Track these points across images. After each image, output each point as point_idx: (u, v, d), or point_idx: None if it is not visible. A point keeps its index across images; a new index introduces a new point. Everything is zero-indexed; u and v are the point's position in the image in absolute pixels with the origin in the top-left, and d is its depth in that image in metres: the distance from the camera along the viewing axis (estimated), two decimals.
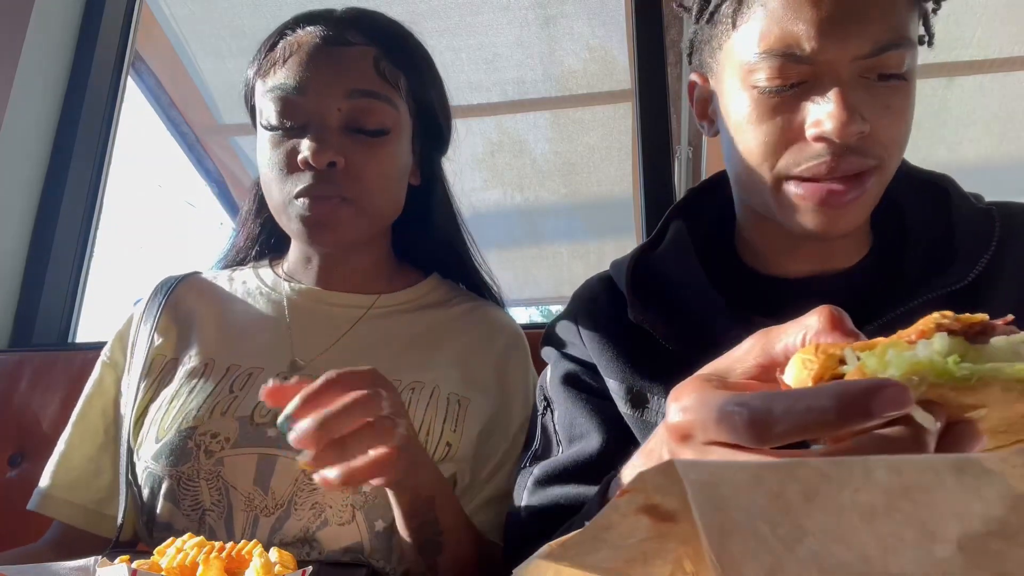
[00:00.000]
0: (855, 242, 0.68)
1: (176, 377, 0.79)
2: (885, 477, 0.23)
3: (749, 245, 0.72)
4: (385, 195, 0.81)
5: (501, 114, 2.32)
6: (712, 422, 0.31)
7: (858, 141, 0.57)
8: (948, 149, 2.30)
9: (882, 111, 0.58)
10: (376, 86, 0.79)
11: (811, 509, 0.23)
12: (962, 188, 0.68)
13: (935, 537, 0.22)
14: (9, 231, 1.43)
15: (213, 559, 0.46)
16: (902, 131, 0.60)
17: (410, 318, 0.86)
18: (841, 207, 0.59)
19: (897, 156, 0.61)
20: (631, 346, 0.70)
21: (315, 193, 0.75)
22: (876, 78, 0.58)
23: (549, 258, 2.95)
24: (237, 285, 0.89)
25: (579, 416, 0.70)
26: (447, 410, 0.79)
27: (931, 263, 0.63)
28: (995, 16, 1.92)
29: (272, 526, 0.70)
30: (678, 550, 0.27)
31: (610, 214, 2.62)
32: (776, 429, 0.28)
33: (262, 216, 0.94)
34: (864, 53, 0.56)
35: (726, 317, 0.65)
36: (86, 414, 0.84)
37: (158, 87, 2.17)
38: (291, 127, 0.77)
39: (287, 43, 0.80)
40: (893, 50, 0.57)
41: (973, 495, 0.23)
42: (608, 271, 0.79)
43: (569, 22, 2.06)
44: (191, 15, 2.08)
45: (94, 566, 0.52)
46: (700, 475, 0.24)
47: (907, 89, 0.59)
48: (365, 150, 0.78)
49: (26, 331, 1.40)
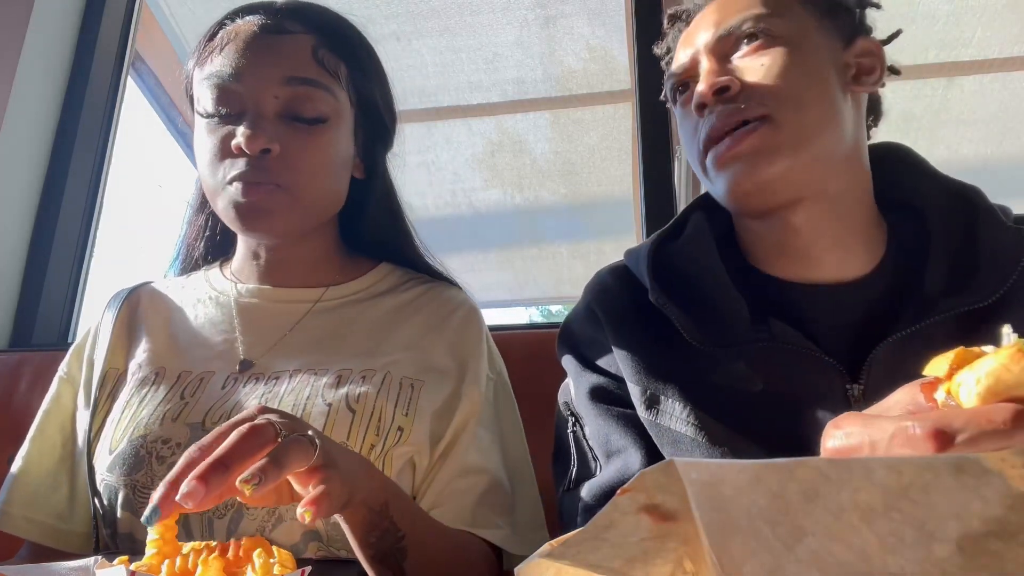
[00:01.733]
0: (860, 245, 0.67)
1: (127, 388, 0.78)
2: (885, 477, 0.23)
3: (750, 247, 0.72)
4: (321, 184, 0.80)
5: (501, 114, 2.32)
6: (886, 438, 0.32)
7: (729, 96, 0.64)
8: (948, 149, 2.30)
9: (751, 70, 0.65)
10: (313, 73, 0.78)
11: (811, 509, 0.23)
12: (990, 201, 0.66)
13: (934, 537, 0.22)
14: (9, 231, 1.43)
15: (213, 560, 0.46)
16: (778, 86, 0.64)
17: (361, 308, 0.85)
18: (734, 160, 0.64)
19: (786, 109, 0.63)
20: (648, 338, 0.69)
21: (248, 179, 0.74)
22: (742, 41, 0.67)
23: (549, 258, 2.94)
24: (187, 292, 0.88)
25: (613, 432, 0.69)
26: (399, 394, 0.76)
27: (953, 278, 0.62)
28: (995, 16, 1.92)
29: (227, 528, 0.69)
30: (678, 549, 0.27)
31: (610, 214, 2.61)
32: (959, 439, 0.30)
33: (205, 211, 0.93)
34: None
35: (747, 317, 0.65)
36: (44, 429, 0.82)
37: (158, 87, 2.17)
38: (227, 114, 0.77)
39: (225, 32, 0.80)
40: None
41: (972, 495, 0.23)
42: (620, 261, 0.77)
43: (569, 22, 2.06)
44: (191, 15, 2.08)
45: (93, 566, 0.52)
46: (701, 475, 0.24)
47: (773, 47, 0.65)
48: (301, 138, 0.77)
49: (26, 331, 1.40)
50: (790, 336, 0.62)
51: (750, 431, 0.62)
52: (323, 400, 0.74)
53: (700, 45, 0.69)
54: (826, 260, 0.66)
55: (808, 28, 0.67)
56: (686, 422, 0.63)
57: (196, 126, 0.81)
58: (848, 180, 0.67)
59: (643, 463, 0.65)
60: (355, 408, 0.73)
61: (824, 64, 0.66)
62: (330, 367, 0.77)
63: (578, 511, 0.69)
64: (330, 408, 0.73)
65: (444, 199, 2.66)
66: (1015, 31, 1.97)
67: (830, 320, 0.64)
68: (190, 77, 0.84)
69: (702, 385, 0.65)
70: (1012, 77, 2.09)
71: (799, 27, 0.66)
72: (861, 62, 0.68)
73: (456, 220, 2.63)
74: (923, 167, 0.71)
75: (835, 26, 0.68)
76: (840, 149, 0.65)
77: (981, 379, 0.31)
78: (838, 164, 0.66)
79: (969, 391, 0.31)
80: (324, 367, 0.77)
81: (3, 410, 1.14)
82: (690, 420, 0.63)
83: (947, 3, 1.87)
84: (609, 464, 0.68)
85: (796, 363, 0.62)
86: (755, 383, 0.63)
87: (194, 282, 0.90)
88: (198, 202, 0.94)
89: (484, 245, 2.77)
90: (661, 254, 0.72)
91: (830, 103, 0.65)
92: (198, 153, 0.80)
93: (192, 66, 0.83)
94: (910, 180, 0.70)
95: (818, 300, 0.66)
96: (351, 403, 0.73)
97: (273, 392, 0.75)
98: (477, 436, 0.78)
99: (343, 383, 0.75)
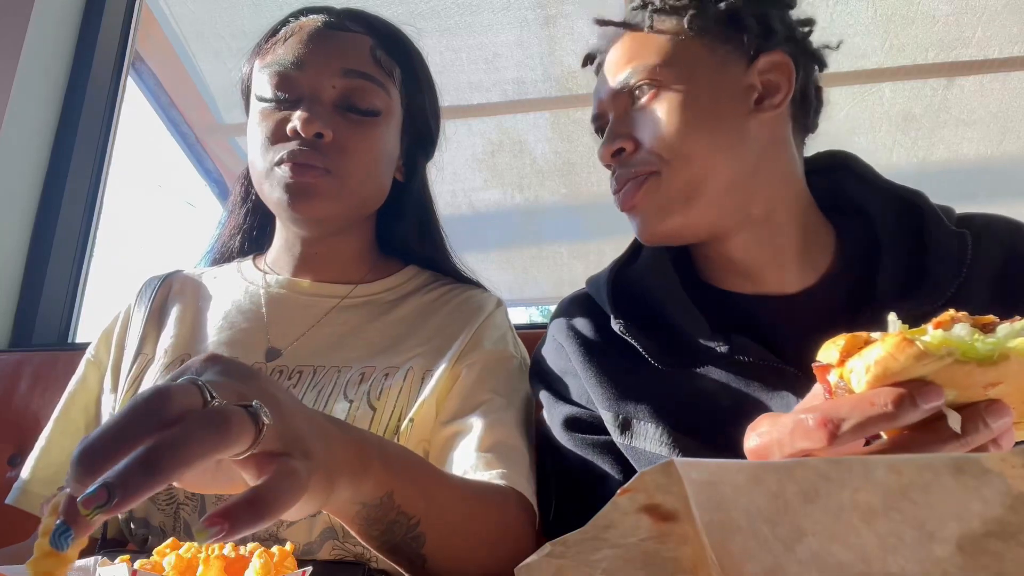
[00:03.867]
0: (802, 258, 0.69)
1: (151, 373, 0.80)
2: (884, 477, 0.23)
3: (702, 266, 0.75)
4: (368, 176, 0.81)
5: (501, 114, 2.31)
6: (787, 433, 0.36)
7: (624, 156, 0.70)
8: (948, 149, 2.30)
9: (644, 124, 0.69)
10: (370, 69, 0.81)
11: (811, 509, 0.23)
12: (933, 204, 0.69)
13: (934, 537, 0.22)
14: (9, 231, 1.43)
15: (214, 559, 0.46)
16: (666, 142, 0.67)
17: (387, 307, 0.86)
18: (632, 211, 0.71)
19: (673, 166, 0.66)
20: (615, 365, 0.70)
21: (299, 160, 0.76)
22: (635, 91, 0.71)
23: (549, 258, 2.94)
24: (219, 282, 0.90)
25: (593, 460, 0.70)
26: (420, 389, 0.76)
27: (903, 285, 0.64)
28: (995, 16, 1.92)
29: None
30: (678, 549, 0.27)
31: (610, 214, 2.59)
32: (845, 426, 0.33)
33: (248, 204, 0.95)
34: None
35: (708, 336, 0.66)
36: (68, 410, 0.84)
37: (158, 87, 2.17)
38: (285, 99, 0.79)
39: (288, 27, 0.84)
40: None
41: (972, 495, 0.23)
42: (582, 290, 0.80)
43: (569, 22, 2.06)
44: (191, 15, 2.07)
45: (94, 566, 0.52)
46: (701, 475, 0.24)
47: (663, 97, 0.68)
48: (354, 128, 0.79)
49: (26, 331, 1.40)
50: (751, 349, 0.64)
51: (724, 443, 0.63)
52: (345, 397, 0.74)
53: (604, 96, 0.73)
54: (768, 277, 0.69)
55: (700, 65, 0.68)
56: (660, 442, 0.64)
57: (251, 114, 0.83)
58: (772, 200, 0.68)
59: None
60: (376, 405, 0.74)
61: (718, 101, 0.67)
62: (353, 364, 0.78)
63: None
64: (351, 405, 0.73)
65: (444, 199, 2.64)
66: (1015, 31, 1.97)
67: (788, 329, 0.66)
68: (248, 72, 0.86)
69: (672, 405, 0.66)
70: (1012, 77, 2.09)
71: (688, 70, 0.67)
72: (767, 79, 0.68)
73: (456, 220, 2.63)
74: (869, 174, 0.73)
75: (733, 49, 0.69)
76: (749, 178, 0.67)
77: (870, 367, 0.33)
78: (754, 191, 0.67)
79: (859, 378, 0.34)
80: (348, 364, 0.78)
81: (3, 410, 1.14)
82: (664, 440, 0.64)
83: (947, 3, 1.87)
84: (592, 492, 0.69)
85: (759, 375, 0.64)
86: (723, 398, 0.65)
87: (226, 272, 0.92)
88: (241, 195, 0.96)
89: (484, 245, 2.76)
90: (621, 280, 0.75)
91: (725, 142, 0.66)
92: (250, 139, 0.82)
93: (251, 61, 0.85)
94: (856, 187, 0.73)
95: (775, 311, 0.68)
96: (372, 400, 0.74)
97: (296, 387, 0.76)
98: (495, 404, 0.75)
99: (365, 380, 0.76)
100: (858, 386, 0.34)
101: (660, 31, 0.69)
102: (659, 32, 0.69)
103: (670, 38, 0.69)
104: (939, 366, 0.32)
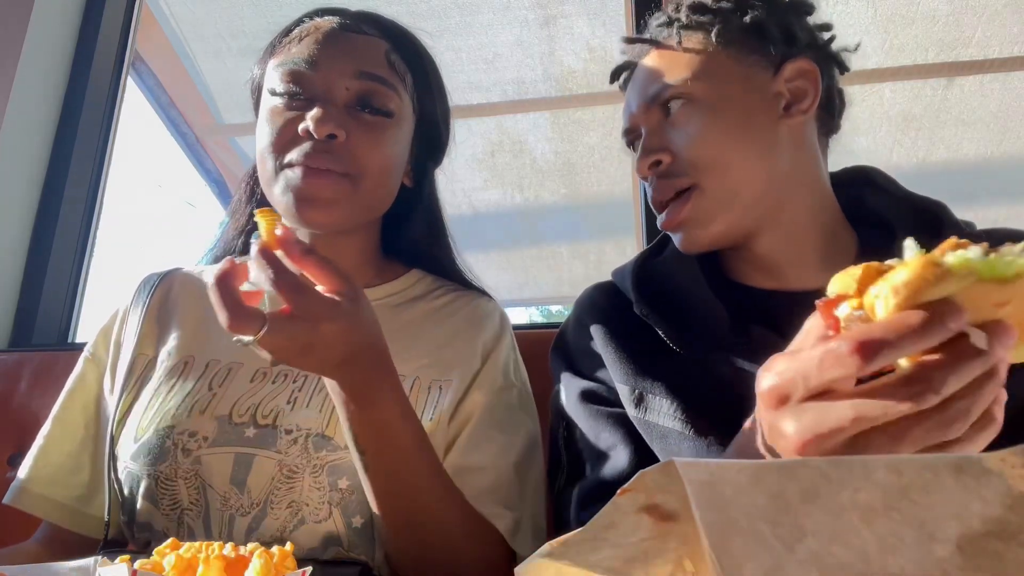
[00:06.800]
0: (824, 256, 0.71)
1: (155, 375, 0.79)
2: (884, 477, 0.23)
3: (727, 263, 0.77)
4: (381, 178, 0.80)
5: (501, 114, 2.32)
6: (814, 366, 0.35)
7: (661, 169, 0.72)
8: (948, 149, 2.30)
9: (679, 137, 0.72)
10: (384, 73, 0.80)
11: (811, 509, 0.23)
12: (954, 216, 0.71)
13: (934, 537, 0.22)
14: (9, 231, 1.43)
15: (214, 559, 0.46)
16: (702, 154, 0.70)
17: (393, 312, 0.86)
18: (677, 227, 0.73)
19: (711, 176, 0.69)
20: (635, 347, 0.72)
21: (311, 164, 0.74)
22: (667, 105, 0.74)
23: (549, 258, 2.94)
24: None
25: (603, 430, 0.71)
26: (427, 399, 0.77)
27: None
28: (995, 16, 1.92)
29: (248, 525, 0.69)
30: (678, 549, 0.27)
31: (610, 214, 2.61)
32: (881, 349, 0.33)
33: (252, 205, 0.93)
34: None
35: (727, 327, 0.69)
36: (67, 410, 0.84)
37: (158, 87, 2.17)
38: (297, 96, 0.78)
39: (303, 28, 0.83)
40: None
41: (972, 495, 0.23)
42: (607, 280, 0.82)
43: (569, 22, 2.06)
44: (191, 15, 2.07)
45: (94, 566, 0.52)
46: (701, 475, 0.24)
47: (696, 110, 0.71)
48: (367, 129, 0.78)
49: (26, 331, 1.40)
50: (770, 340, 0.65)
51: (736, 423, 0.64)
52: None
53: (635, 110, 0.76)
54: (790, 273, 0.72)
55: (729, 76, 0.71)
56: (673, 417, 0.66)
57: (261, 112, 0.82)
58: (800, 200, 0.72)
59: (632, 459, 0.68)
60: None
61: (750, 111, 0.70)
62: None
63: (571, 508, 0.71)
64: None
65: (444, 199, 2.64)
66: (1015, 31, 1.97)
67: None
68: (261, 72, 0.85)
69: (688, 386, 0.68)
70: (1012, 77, 2.09)
71: (718, 82, 0.70)
72: (794, 86, 0.71)
73: (456, 220, 2.62)
74: (891, 186, 0.76)
75: (759, 59, 0.72)
76: (781, 182, 0.70)
77: (899, 289, 0.33)
78: (784, 192, 0.71)
79: (887, 302, 0.34)
80: None
81: (3, 410, 1.14)
82: (676, 415, 0.66)
83: (947, 3, 1.87)
84: (599, 461, 0.71)
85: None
86: (739, 386, 0.66)
87: None
88: (246, 195, 0.94)
89: (484, 245, 2.77)
90: (645, 270, 0.78)
91: (758, 150, 0.69)
92: (260, 137, 0.80)
93: (264, 60, 0.85)
94: (877, 199, 0.75)
95: (794, 305, 0.68)
96: None
97: (303, 391, 0.76)
98: (486, 436, 0.78)
99: None
100: (884, 311, 0.34)
101: (688, 47, 0.72)
102: (687, 48, 0.72)
103: (698, 52, 0.72)
104: (959, 287, 0.32)
